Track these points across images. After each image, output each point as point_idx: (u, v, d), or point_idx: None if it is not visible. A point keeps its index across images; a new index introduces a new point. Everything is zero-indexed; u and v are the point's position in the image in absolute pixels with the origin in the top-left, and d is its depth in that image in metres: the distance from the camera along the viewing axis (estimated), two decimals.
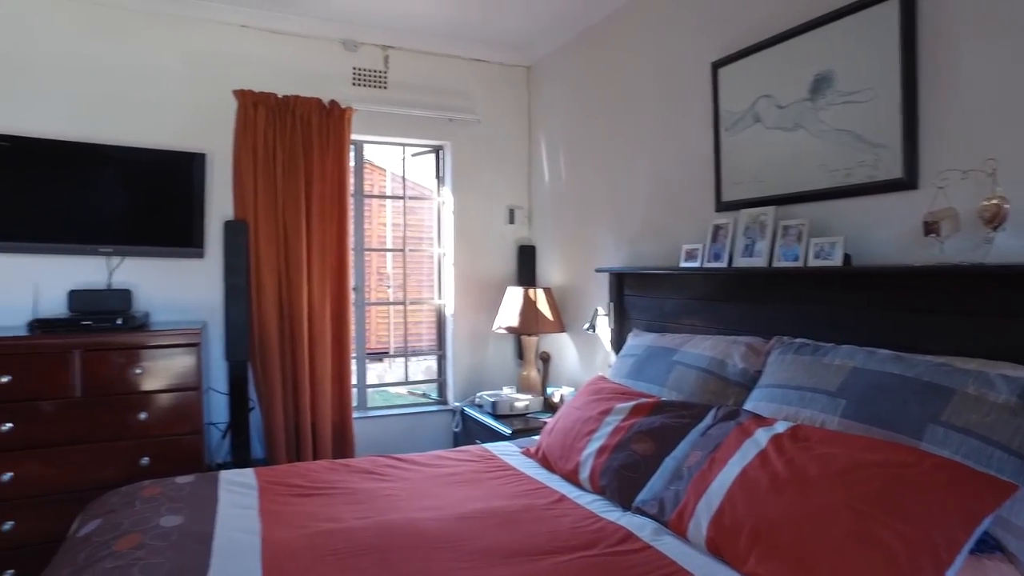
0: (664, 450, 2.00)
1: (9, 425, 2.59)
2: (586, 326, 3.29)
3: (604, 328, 3.24)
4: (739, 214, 2.47)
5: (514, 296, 3.60)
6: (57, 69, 3.13)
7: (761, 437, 1.74)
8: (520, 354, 3.89)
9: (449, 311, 4.03)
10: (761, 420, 1.84)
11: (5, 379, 2.58)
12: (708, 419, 1.99)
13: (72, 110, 3.15)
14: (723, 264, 2.48)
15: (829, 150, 2.16)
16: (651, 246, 3.05)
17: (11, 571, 2.58)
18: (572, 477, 2.22)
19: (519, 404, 3.35)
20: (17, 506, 2.61)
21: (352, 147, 3.70)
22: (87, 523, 1.92)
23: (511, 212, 4.07)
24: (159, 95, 3.30)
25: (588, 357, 3.52)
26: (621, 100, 3.27)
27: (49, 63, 3.12)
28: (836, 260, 2.03)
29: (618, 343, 3.11)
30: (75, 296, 3.01)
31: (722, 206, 2.63)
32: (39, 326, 2.76)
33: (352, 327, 3.58)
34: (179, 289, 3.32)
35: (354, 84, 3.69)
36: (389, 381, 4.76)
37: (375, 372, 5.29)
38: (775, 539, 1.47)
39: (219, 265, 3.35)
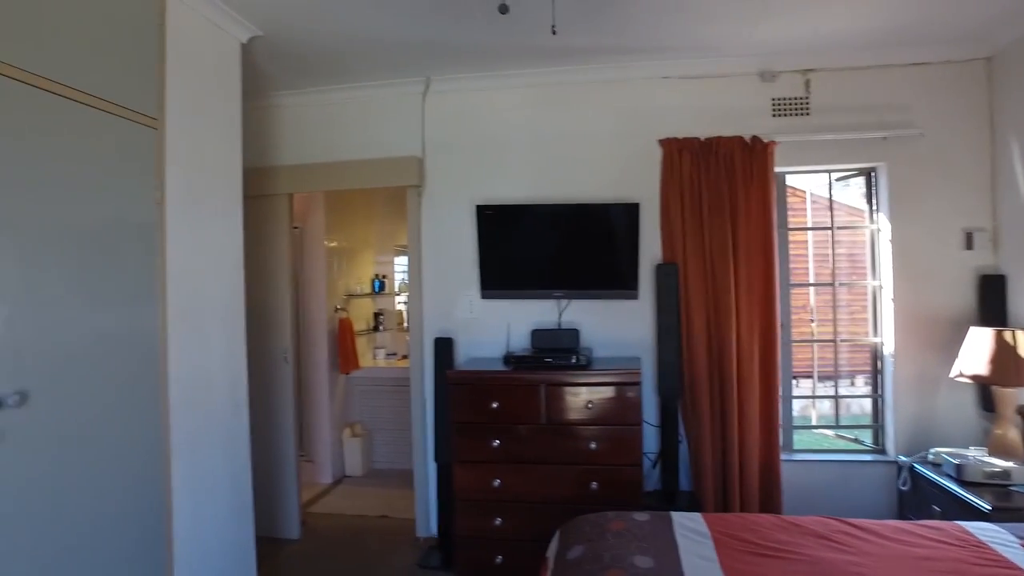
0: None
1: (497, 442, 3.20)
2: None
3: None
4: None
5: (981, 338, 3.02)
6: (520, 144, 3.80)
7: None
8: (986, 406, 3.25)
9: (888, 350, 3.59)
10: None
11: (495, 404, 3.21)
12: None
13: (531, 176, 3.78)
14: None
15: None
16: None
17: (500, 557, 3.19)
18: None
19: (993, 470, 2.80)
20: (502, 507, 3.21)
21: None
22: (571, 547, 2.24)
23: (968, 236, 3.43)
24: (595, 153, 3.73)
25: None
26: None
27: (515, 141, 3.81)
28: None
29: None
30: (537, 334, 3.58)
31: None
32: (514, 361, 3.35)
33: (779, 366, 3.47)
34: (615, 328, 3.69)
35: (774, 115, 3.59)
36: (809, 420, 4.45)
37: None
38: None
39: (651, 305, 3.62)
